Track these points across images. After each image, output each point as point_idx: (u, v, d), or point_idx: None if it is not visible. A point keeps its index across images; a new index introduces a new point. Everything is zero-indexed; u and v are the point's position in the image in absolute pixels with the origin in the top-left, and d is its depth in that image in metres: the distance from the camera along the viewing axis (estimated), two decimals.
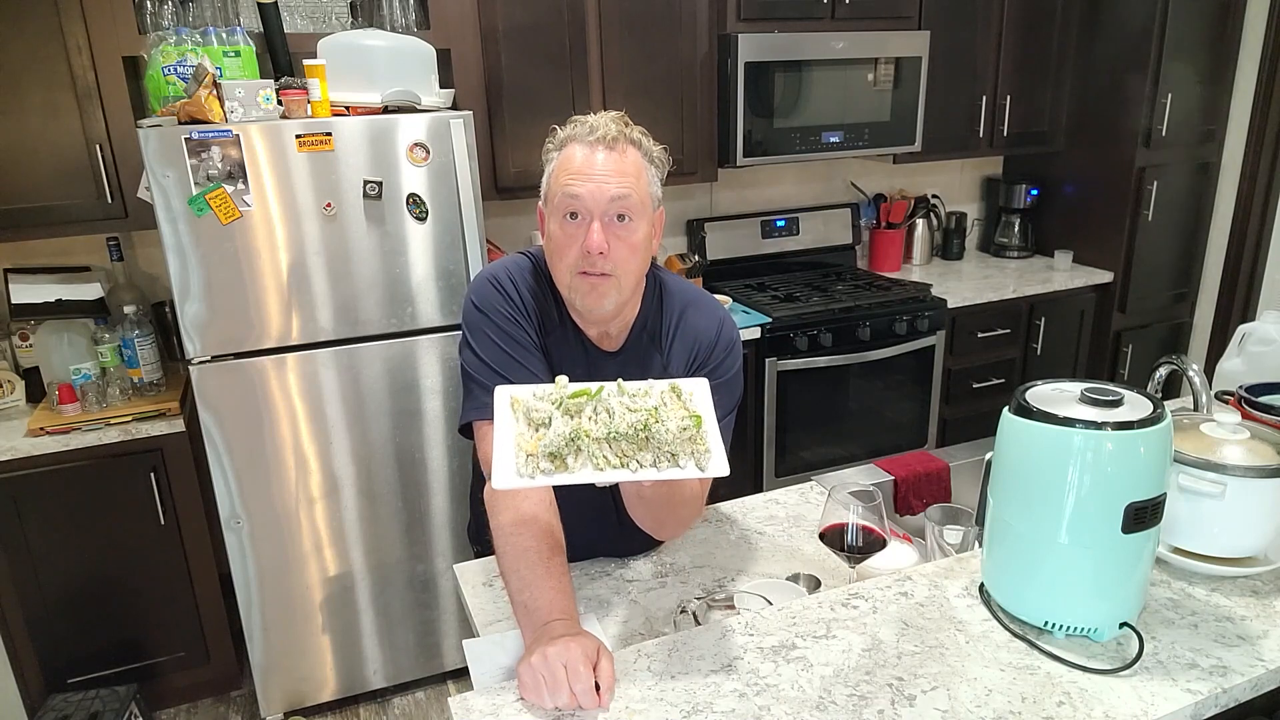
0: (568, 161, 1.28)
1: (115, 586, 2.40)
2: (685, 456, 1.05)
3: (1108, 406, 1.08)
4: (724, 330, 1.44)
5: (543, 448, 1.04)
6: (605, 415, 1.07)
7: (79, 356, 2.39)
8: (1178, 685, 1.04)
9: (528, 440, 1.05)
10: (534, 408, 1.08)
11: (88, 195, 2.32)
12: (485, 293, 1.38)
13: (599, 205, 1.26)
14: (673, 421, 1.06)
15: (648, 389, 1.12)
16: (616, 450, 1.05)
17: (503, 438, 1.05)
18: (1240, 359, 1.87)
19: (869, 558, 1.35)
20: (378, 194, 2.21)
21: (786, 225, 3.49)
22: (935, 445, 3.37)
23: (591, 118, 1.30)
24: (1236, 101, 3.48)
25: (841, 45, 2.98)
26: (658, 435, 1.05)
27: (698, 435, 1.07)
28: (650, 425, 1.05)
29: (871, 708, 1.02)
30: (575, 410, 1.08)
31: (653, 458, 1.05)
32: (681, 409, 1.09)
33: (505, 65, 2.65)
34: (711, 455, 1.06)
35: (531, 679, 1.03)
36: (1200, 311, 3.77)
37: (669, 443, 1.05)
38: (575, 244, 1.27)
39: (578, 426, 1.05)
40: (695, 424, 1.07)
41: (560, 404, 1.09)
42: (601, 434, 1.05)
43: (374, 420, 2.37)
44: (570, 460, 1.04)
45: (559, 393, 1.10)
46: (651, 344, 1.43)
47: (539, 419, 1.07)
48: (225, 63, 2.19)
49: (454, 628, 2.62)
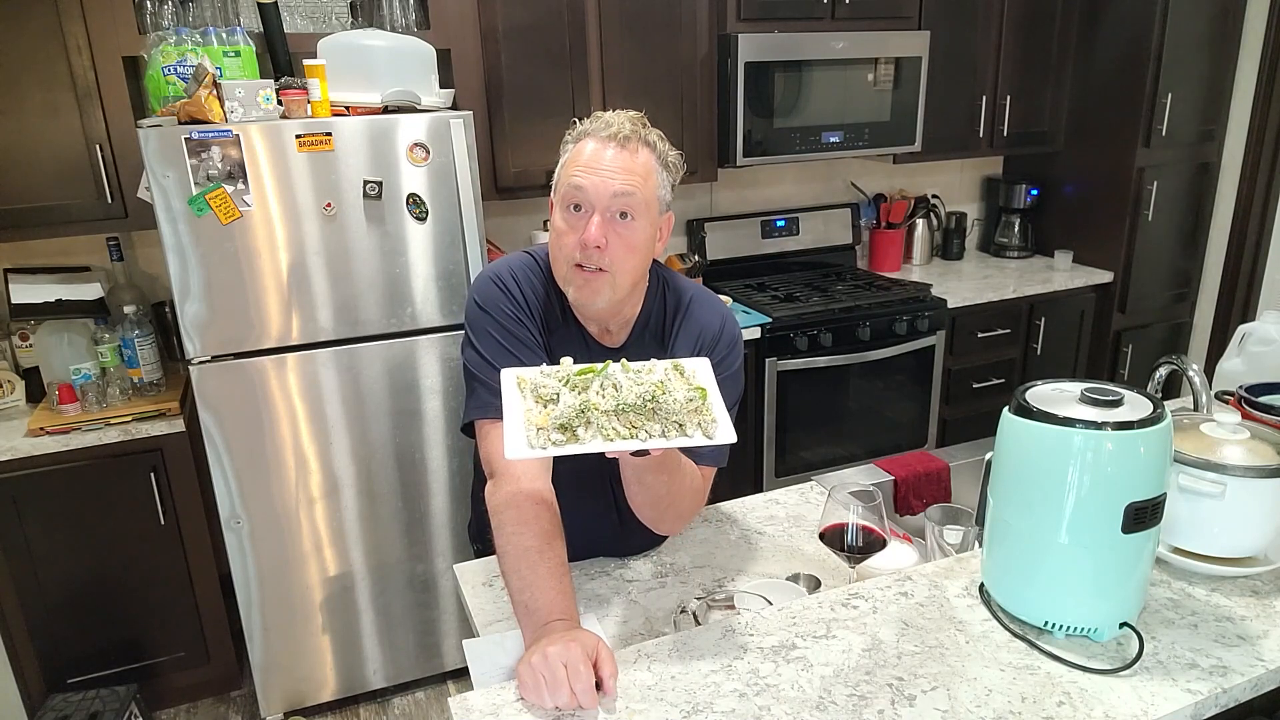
0: (579, 154, 1.30)
1: (115, 586, 2.40)
2: (692, 426, 1.08)
3: (1108, 406, 1.08)
4: (726, 326, 1.45)
5: (552, 420, 1.06)
6: (612, 389, 1.09)
7: (79, 356, 2.39)
8: (1178, 685, 1.04)
9: (537, 415, 1.08)
10: (541, 384, 1.11)
11: (88, 195, 2.32)
12: (488, 291, 1.38)
13: (601, 199, 1.26)
14: (679, 392, 1.09)
15: (651, 366, 1.14)
16: (625, 421, 1.08)
17: (512, 413, 1.08)
18: (1240, 359, 1.87)
19: (869, 558, 1.35)
20: (378, 194, 2.21)
21: (786, 225, 3.49)
22: (935, 445, 3.37)
23: (610, 115, 1.31)
24: (1236, 101, 3.48)
25: (841, 45, 2.98)
26: (665, 405, 1.07)
27: (703, 406, 1.10)
28: (658, 396, 1.08)
29: (871, 708, 1.02)
30: (583, 386, 1.10)
31: (661, 428, 1.08)
32: (685, 384, 1.12)
33: (505, 65, 2.65)
34: (718, 424, 1.09)
35: (532, 679, 1.02)
36: (1200, 311, 3.77)
37: (676, 412, 1.07)
38: (574, 235, 1.28)
39: (586, 400, 1.08)
40: (700, 395, 1.10)
41: (567, 381, 1.11)
42: (610, 406, 1.07)
43: (374, 420, 2.37)
44: (580, 431, 1.06)
45: (565, 371, 1.13)
46: (655, 340, 1.43)
47: (547, 395, 1.10)
48: (225, 63, 2.19)
49: (454, 628, 2.62)
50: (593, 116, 1.33)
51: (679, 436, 1.07)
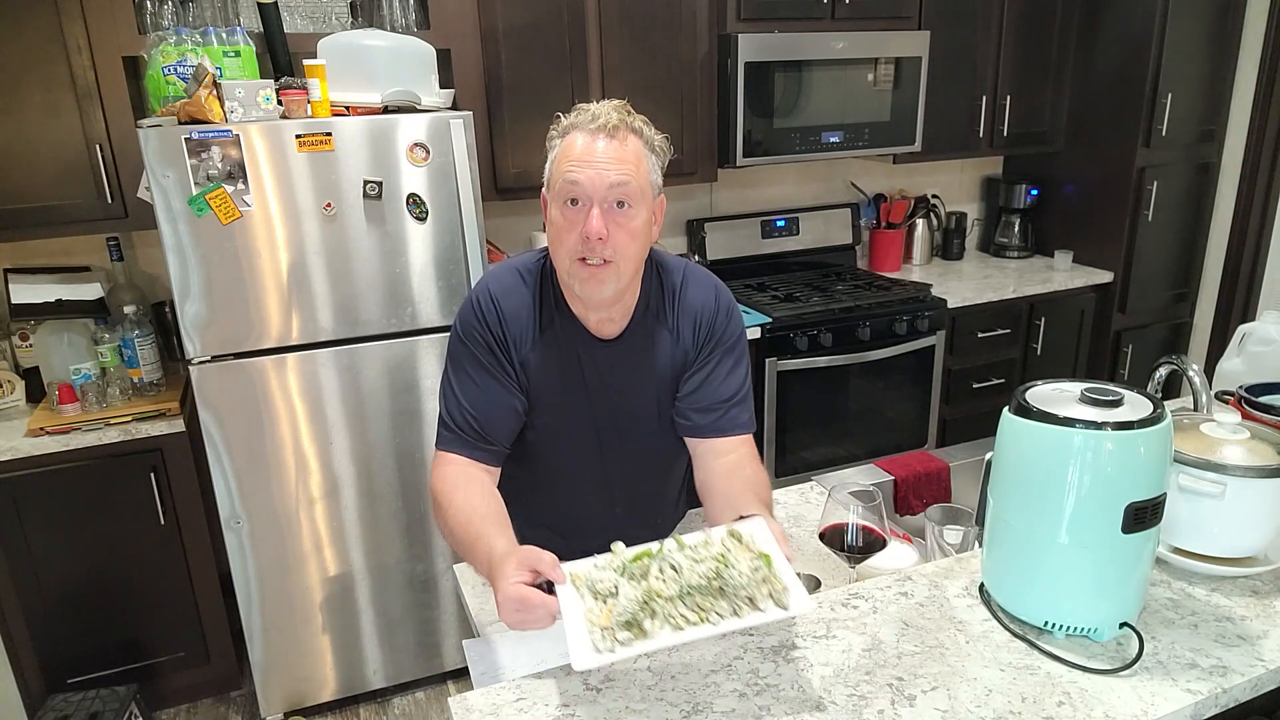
0: (569, 149, 1.30)
1: (115, 587, 2.40)
2: (763, 597, 1.02)
3: (1108, 406, 1.08)
4: (720, 296, 1.49)
5: (616, 617, 1.01)
6: (672, 571, 1.04)
7: (79, 356, 2.39)
8: (1178, 685, 1.04)
9: (598, 614, 1.02)
10: (597, 579, 1.06)
11: (88, 195, 2.32)
12: (467, 321, 1.41)
13: (599, 192, 1.27)
14: (744, 563, 1.04)
15: (707, 538, 1.10)
16: (691, 605, 1.02)
17: (571, 616, 1.02)
18: (1240, 359, 1.87)
19: (869, 558, 1.35)
20: (378, 194, 2.21)
21: (786, 225, 3.49)
22: (935, 445, 3.37)
23: (594, 106, 1.32)
24: (1236, 101, 3.48)
25: (841, 45, 2.98)
26: (732, 581, 1.02)
27: (771, 574, 1.04)
28: (722, 573, 1.03)
29: (872, 708, 1.02)
30: (640, 573, 1.05)
31: (730, 605, 1.02)
32: (746, 551, 1.06)
33: (505, 65, 2.64)
34: (790, 591, 1.03)
35: (513, 621, 1.09)
36: (1200, 311, 3.77)
37: (744, 586, 1.02)
38: (575, 230, 1.29)
39: (648, 588, 1.03)
40: (765, 563, 1.05)
41: (623, 570, 1.06)
42: (673, 592, 1.02)
43: (374, 420, 2.37)
44: (647, 624, 1.01)
45: (619, 559, 1.08)
46: (657, 322, 1.45)
47: (605, 589, 1.04)
48: (225, 63, 2.19)
49: (454, 628, 2.62)
50: (576, 110, 1.33)
51: (752, 612, 1.01)
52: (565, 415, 1.44)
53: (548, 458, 1.48)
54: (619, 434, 1.47)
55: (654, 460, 1.53)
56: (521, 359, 1.40)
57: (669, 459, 1.54)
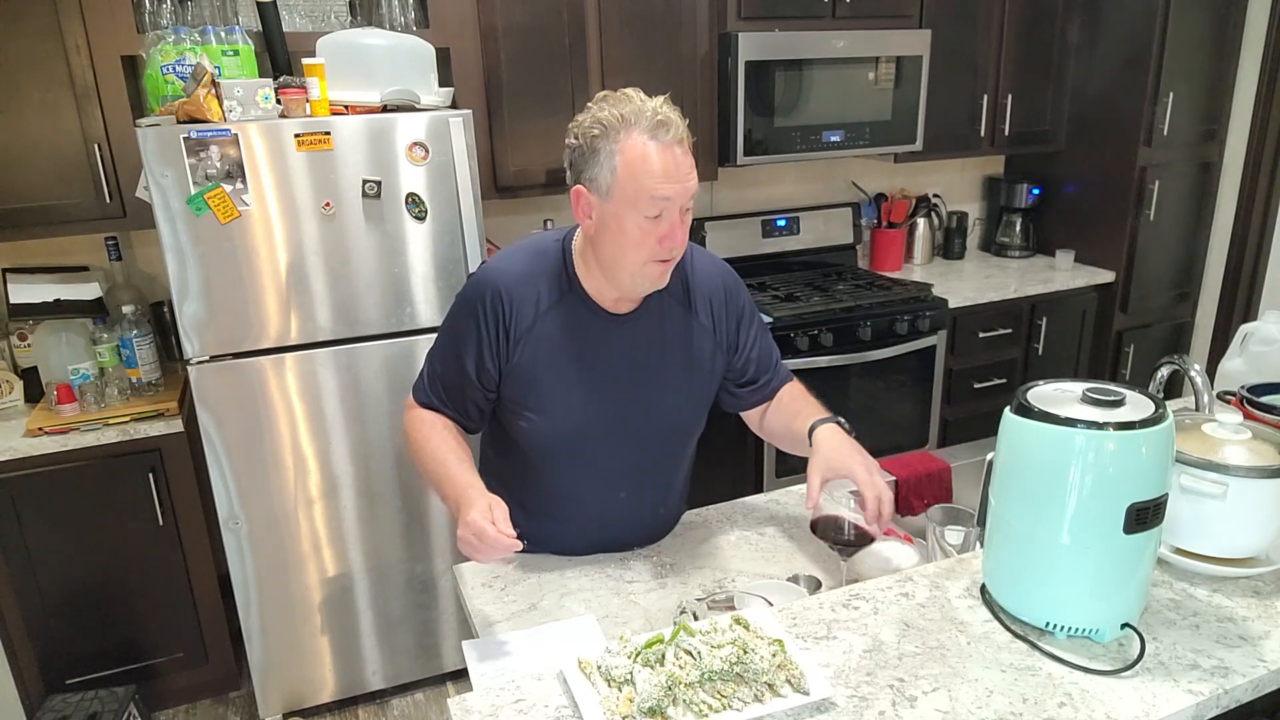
0: (644, 161, 1.28)
1: (114, 587, 2.39)
2: (781, 683, 1.03)
3: (1109, 406, 1.08)
4: (726, 269, 1.57)
5: (638, 705, 1.00)
6: (689, 658, 1.05)
7: (77, 356, 2.39)
8: (1179, 686, 1.03)
9: (616, 701, 1.01)
10: (611, 665, 1.05)
11: (86, 195, 2.32)
12: (469, 299, 1.44)
13: (682, 202, 1.32)
14: (763, 649, 1.05)
15: (714, 624, 1.11)
16: (712, 691, 1.02)
17: (588, 706, 1.01)
18: (1242, 359, 1.87)
19: (860, 550, 1.35)
20: (377, 193, 2.21)
21: (787, 224, 3.48)
22: (936, 445, 3.36)
23: (648, 104, 1.31)
24: (1238, 101, 3.48)
25: (842, 44, 2.98)
26: (753, 666, 1.03)
27: (786, 660, 1.05)
28: (743, 658, 1.03)
29: (872, 709, 1.01)
30: (657, 659, 1.05)
31: (752, 691, 1.02)
32: (756, 638, 1.08)
33: (505, 64, 2.64)
34: (806, 675, 1.04)
35: (467, 550, 1.29)
36: (1202, 311, 3.76)
37: (765, 672, 1.03)
38: (652, 236, 1.32)
39: (670, 675, 1.02)
40: (780, 648, 1.06)
41: (637, 655, 1.06)
42: (694, 678, 1.02)
43: (373, 420, 2.37)
44: (670, 711, 1.00)
45: (632, 646, 1.08)
46: (669, 296, 1.48)
47: (620, 677, 1.04)
48: (224, 62, 2.18)
49: (453, 628, 2.62)
50: (615, 100, 1.33)
51: (774, 698, 1.02)
52: (576, 393, 1.44)
53: (553, 435, 1.47)
54: (631, 407, 1.47)
55: (666, 436, 1.54)
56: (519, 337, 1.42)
57: (683, 434, 1.57)
